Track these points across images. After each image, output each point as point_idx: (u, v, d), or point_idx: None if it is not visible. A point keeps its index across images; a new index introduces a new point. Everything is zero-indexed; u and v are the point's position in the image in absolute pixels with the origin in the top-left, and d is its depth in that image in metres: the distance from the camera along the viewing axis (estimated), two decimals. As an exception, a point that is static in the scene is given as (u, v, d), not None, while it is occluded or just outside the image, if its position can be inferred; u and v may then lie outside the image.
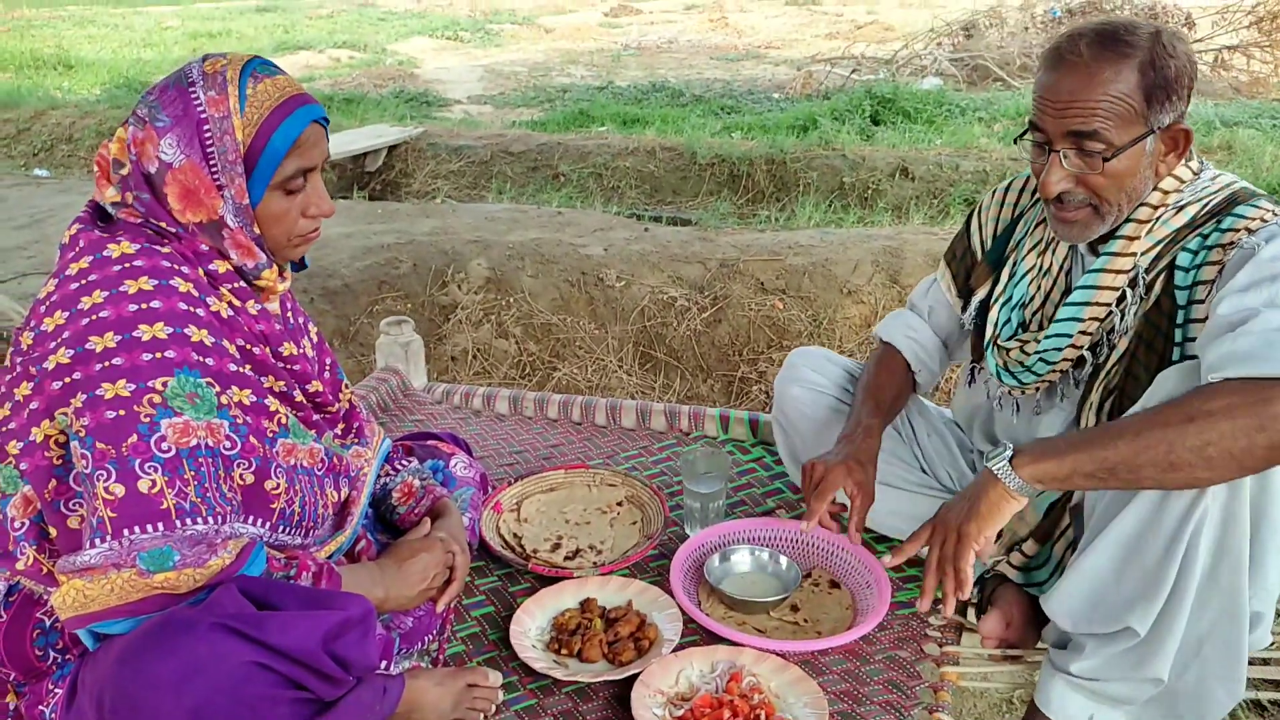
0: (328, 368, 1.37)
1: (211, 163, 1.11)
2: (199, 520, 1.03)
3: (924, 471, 1.69)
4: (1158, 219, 1.29)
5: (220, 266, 1.16)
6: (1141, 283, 1.30)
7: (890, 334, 1.66)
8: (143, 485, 1.00)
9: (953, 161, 5.85)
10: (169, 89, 1.13)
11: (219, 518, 1.06)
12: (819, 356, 1.76)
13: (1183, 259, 1.26)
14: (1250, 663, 1.33)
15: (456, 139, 6.90)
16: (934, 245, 3.95)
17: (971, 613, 1.50)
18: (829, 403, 1.68)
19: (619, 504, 1.82)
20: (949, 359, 1.69)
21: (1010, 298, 1.47)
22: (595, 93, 8.98)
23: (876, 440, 1.49)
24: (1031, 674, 1.36)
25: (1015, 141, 1.37)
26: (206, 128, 1.10)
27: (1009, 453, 1.17)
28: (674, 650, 1.39)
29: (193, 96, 1.11)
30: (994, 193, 1.59)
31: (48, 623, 1.11)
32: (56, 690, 1.09)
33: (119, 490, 1.00)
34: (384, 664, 1.27)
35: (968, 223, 1.62)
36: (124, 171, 1.13)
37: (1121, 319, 1.32)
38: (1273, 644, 1.27)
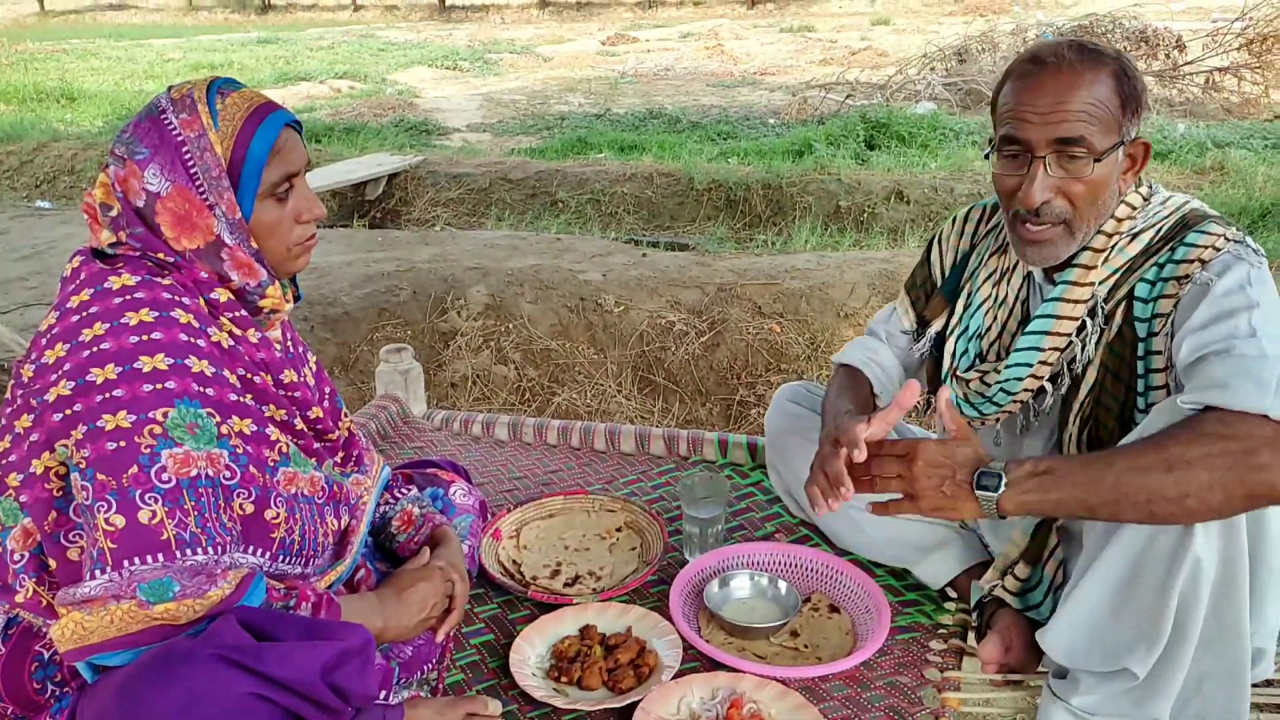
0: (327, 396, 1.38)
1: (197, 183, 1.12)
2: (199, 551, 1.04)
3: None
4: (1113, 247, 1.29)
5: (221, 295, 1.17)
6: (1101, 312, 1.29)
7: (849, 358, 1.62)
8: (143, 516, 1.01)
9: (947, 184, 5.90)
10: (141, 122, 1.14)
11: (219, 548, 1.06)
12: (804, 390, 1.76)
13: (1141, 289, 1.26)
14: (1252, 685, 1.33)
15: (456, 167, 6.95)
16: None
17: (971, 637, 1.49)
18: (818, 437, 1.69)
19: (618, 530, 1.82)
20: None
21: (967, 328, 1.47)
22: (593, 120, 9.04)
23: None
24: (1033, 699, 1.35)
25: (986, 157, 1.33)
26: (185, 149, 1.12)
27: (997, 493, 1.12)
28: (674, 677, 1.38)
29: (165, 122, 1.13)
30: (954, 220, 1.57)
31: (46, 655, 1.11)
32: (55, 723, 1.08)
33: (119, 521, 1.00)
34: (383, 694, 1.26)
35: (928, 251, 1.60)
36: (113, 213, 1.14)
37: (1083, 349, 1.31)
38: (1277, 670, 1.27)
